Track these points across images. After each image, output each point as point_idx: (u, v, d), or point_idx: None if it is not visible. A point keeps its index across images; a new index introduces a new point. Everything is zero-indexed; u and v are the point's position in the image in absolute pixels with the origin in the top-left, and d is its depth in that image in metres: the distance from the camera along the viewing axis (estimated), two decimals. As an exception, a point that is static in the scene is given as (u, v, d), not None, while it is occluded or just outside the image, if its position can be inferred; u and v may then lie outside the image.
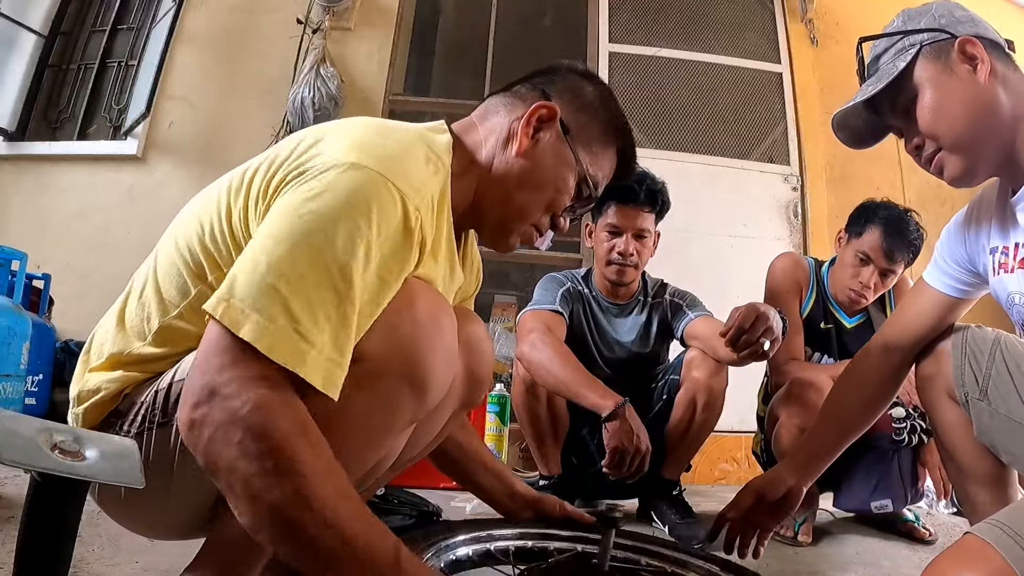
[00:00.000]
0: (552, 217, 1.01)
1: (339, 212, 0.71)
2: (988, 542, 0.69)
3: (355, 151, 0.77)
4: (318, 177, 0.74)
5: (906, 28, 1.05)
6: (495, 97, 1.04)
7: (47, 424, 0.58)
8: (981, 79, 0.98)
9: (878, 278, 1.94)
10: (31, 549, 0.59)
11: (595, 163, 1.01)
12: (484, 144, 0.98)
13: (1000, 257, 1.10)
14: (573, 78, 1.04)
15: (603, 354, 2.00)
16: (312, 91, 3.33)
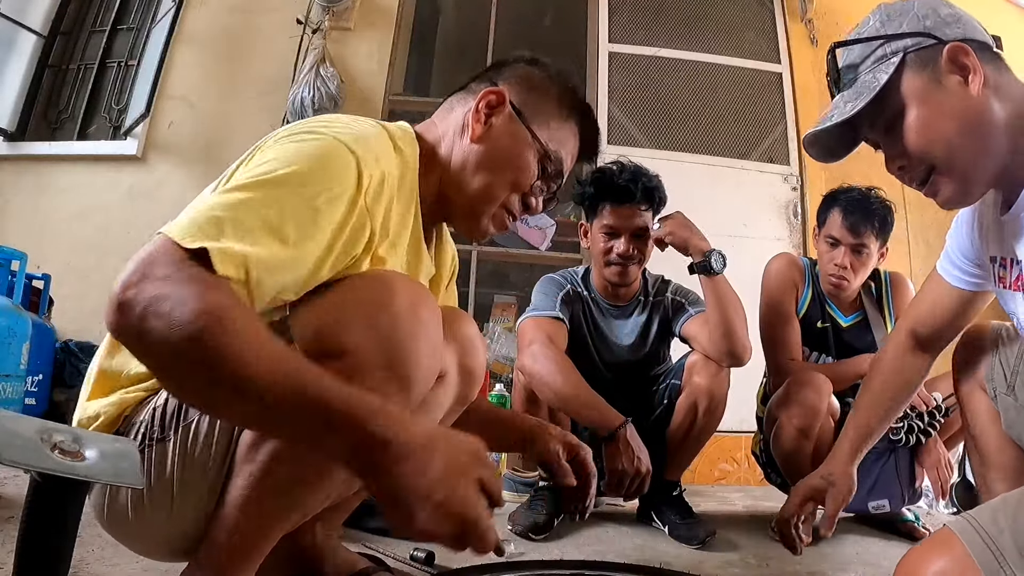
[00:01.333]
0: (523, 197, 1.03)
1: (288, 162, 0.76)
2: (955, 533, 0.74)
3: (316, 126, 0.83)
4: (274, 145, 0.81)
5: (887, 32, 0.93)
6: (451, 96, 1.08)
7: (47, 424, 0.58)
8: (974, 91, 0.88)
9: (852, 256, 1.93)
10: (31, 549, 0.59)
11: (554, 138, 1.03)
12: (443, 139, 1.03)
13: (999, 269, 1.05)
14: (520, 66, 1.07)
15: (603, 357, 1.99)
16: (312, 91, 3.33)
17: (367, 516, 1.50)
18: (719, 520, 1.95)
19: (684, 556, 1.60)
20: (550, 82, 1.06)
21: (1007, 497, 0.76)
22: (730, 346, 1.75)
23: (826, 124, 0.95)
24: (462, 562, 1.35)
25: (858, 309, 2.06)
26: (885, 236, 1.95)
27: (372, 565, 1.16)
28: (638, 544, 1.70)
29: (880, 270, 2.11)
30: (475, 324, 1.14)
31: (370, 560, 1.20)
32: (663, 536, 1.79)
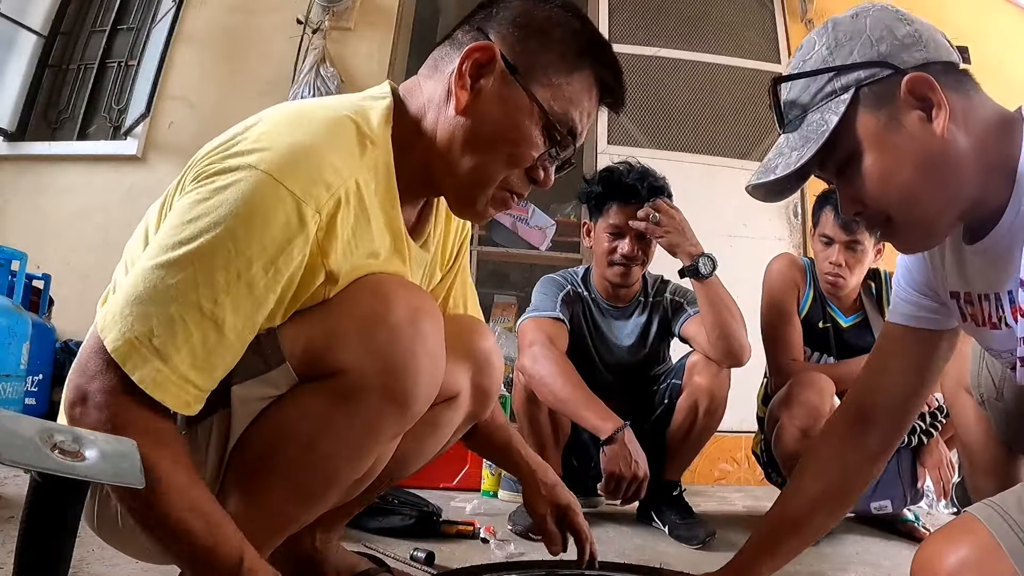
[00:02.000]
0: (529, 171, 0.86)
1: (218, 223, 0.68)
2: (979, 519, 0.71)
3: (259, 147, 0.72)
4: (211, 181, 0.71)
5: (836, 62, 0.79)
6: (436, 49, 0.90)
7: (47, 424, 0.58)
8: (938, 129, 0.76)
9: (847, 254, 1.93)
10: (31, 549, 0.59)
11: (561, 97, 0.83)
12: (428, 108, 0.86)
13: (966, 306, 0.92)
14: (516, 3, 0.85)
15: (603, 358, 1.99)
16: (312, 91, 3.33)
17: (367, 516, 1.50)
18: (719, 520, 1.95)
19: (684, 556, 1.60)
20: (551, 23, 0.84)
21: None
22: (727, 347, 1.75)
23: (770, 177, 0.84)
24: (462, 562, 1.35)
25: (858, 309, 2.06)
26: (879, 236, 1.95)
27: (373, 566, 1.16)
28: (638, 544, 1.70)
29: (880, 270, 2.11)
30: (492, 336, 1.08)
31: (370, 560, 1.19)
32: (663, 536, 1.79)
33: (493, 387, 1.06)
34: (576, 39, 0.84)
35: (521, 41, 0.83)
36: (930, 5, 4.11)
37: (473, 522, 1.65)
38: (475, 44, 0.82)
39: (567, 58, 0.84)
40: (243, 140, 0.74)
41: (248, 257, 0.68)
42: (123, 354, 0.66)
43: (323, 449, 0.77)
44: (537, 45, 0.83)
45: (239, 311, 0.69)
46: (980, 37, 3.95)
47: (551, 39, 0.83)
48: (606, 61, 0.87)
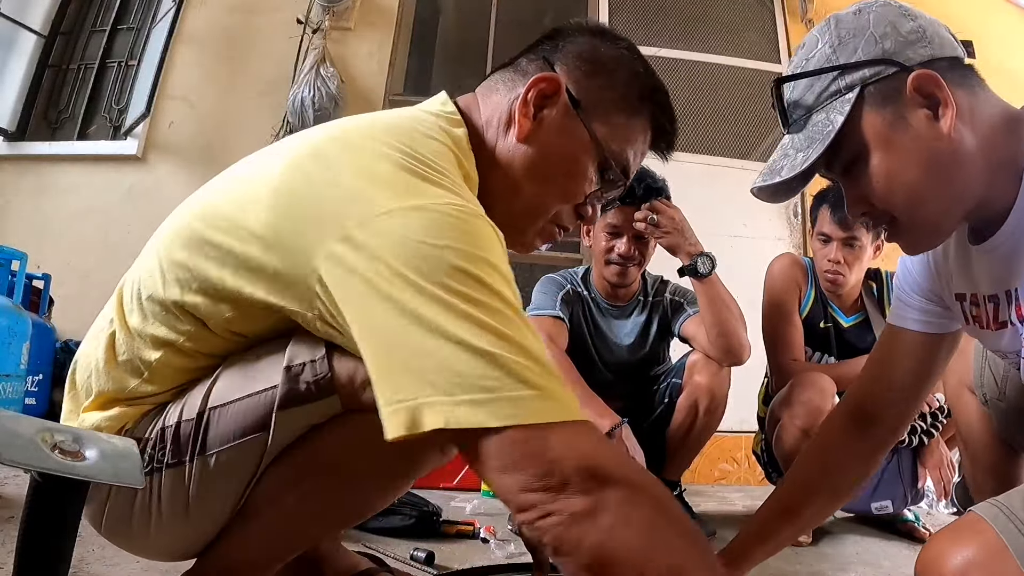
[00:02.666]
0: (577, 207, 0.86)
1: (505, 297, 0.62)
2: (985, 519, 0.70)
3: (458, 211, 0.65)
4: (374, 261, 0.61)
5: (839, 60, 0.78)
6: (497, 72, 0.88)
7: (47, 424, 0.58)
8: (945, 128, 0.74)
9: (844, 251, 1.93)
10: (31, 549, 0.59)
11: (618, 137, 0.84)
12: (488, 128, 0.84)
13: (971, 308, 0.91)
14: (583, 39, 0.86)
15: (603, 357, 1.99)
16: (312, 91, 3.33)
17: (367, 516, 1.50)
18: (719, 520, 1.95)
19: (684, 556, 1.60)
20: (618, 63, 0.85)
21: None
22: (727, 345, 1.76)
23: (775, 179, 0.81)
24: (462, 562, 1.35)
25: (859, 310, 2.06)
26: (877, 230, 1.95)
27: (373, 566, 1.16)
28: (638, 544, 1.70)
29: (881, 270, 2.11)
30: None
31: (370, 560, 1.19)
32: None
33: None
34: (638, 82, 0.86)
35: (586, 77, 0.84)
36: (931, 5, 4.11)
37: (473, 522, 1.64)
38: (542, 75, 0.82)
39: (628, 100, 0.85)
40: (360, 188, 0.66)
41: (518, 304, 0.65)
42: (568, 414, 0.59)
43: (363, 482, 0.77)
44: (602, 83, 0.84)
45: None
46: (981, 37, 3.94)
47: (615, 79, 0.85)
48: (664, 107, 0.89)
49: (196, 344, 0.77)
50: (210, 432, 0.75)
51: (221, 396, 0.76)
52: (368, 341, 0.60)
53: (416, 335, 0.57)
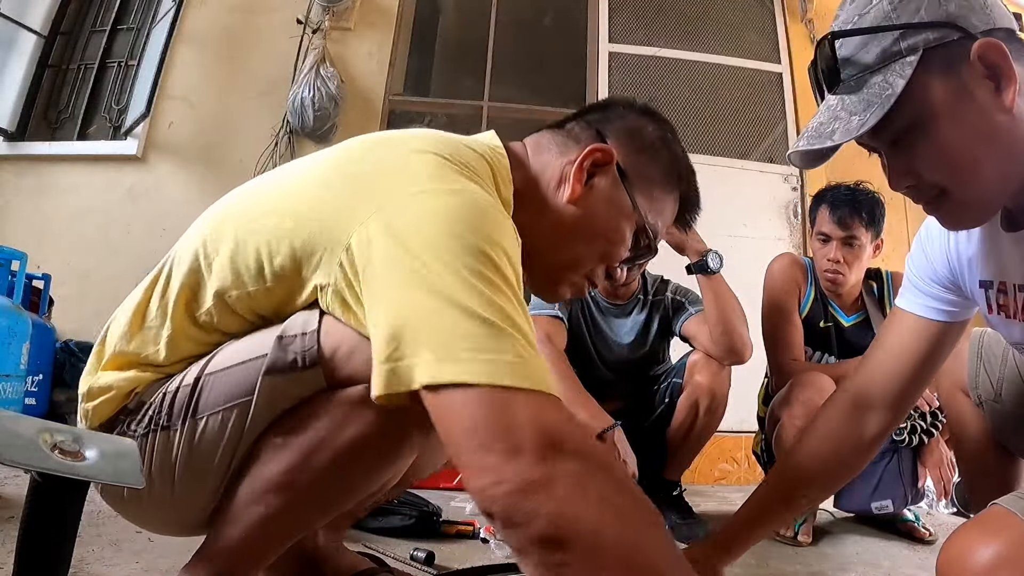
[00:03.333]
0: (608, 268, 0.93)
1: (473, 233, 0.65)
2: (1014, 512, 0.68)
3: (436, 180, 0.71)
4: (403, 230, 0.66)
5: (901, 19, 0.72)
6: (547, 132, 0.95)
7: (47, 424, 0.58)
8: (1007, 102, 0.70)
9: (844, 250, 1.93)
10: (31, 549, 0.59)
11: (655, 210, 0.92)
12: (538, 181, 0.90)
13: (997, 296, 0.88)
14: (632, 116, 0.94)
15: (603, 356, 1.99)
16: (312, 91, 3.33)
17: (367, 516, 1.50)
18: (719, 520, 1.95)
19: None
20: (662, 143, 0.94)
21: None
22: (730, 342, 1.76)
23: (826, 144, 0.75)
24: (462, 562, 1.35)
25: (860, 309, 2.06)
26: (876, 228, 1.95)
27: (374, 566, 1.16)
28: (638, 544, 1.70)
29: (882, 270, 2.11)
30: None
31: (371, 560, 1.19)
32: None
33: None
34: (676, 164, 0.95)
35: (634, 153, 0.91)
36: (930, 5, 4.10)
37: (473, 522, 1.64)
38: (597, 145, 0.89)
39: (667, 178, 0.93)
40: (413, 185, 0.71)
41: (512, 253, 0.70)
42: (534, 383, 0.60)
43: (347, 462, 0.76)
44: (647, 160, 0.92)
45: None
46: (980, 37, 3.95)
47: (659, 158, 0.93)
48: (694, 187, 0.98)
49: (214, 320, 0.81)
50: (202, 397, 0.79)
51: (217, 364, 0.80)
52: (380, 304, 0.64)
53: (427, 303, 0.61)
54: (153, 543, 1.29)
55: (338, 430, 0.75)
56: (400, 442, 0.79)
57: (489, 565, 1.31)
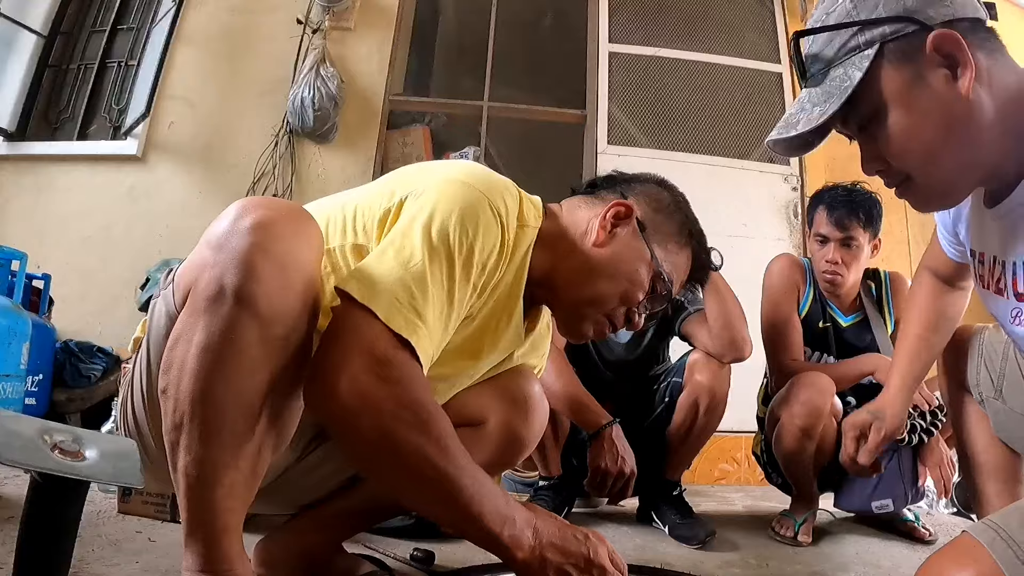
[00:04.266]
0: (627, 311, 1.05)
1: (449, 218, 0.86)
2: (982, 543, 0.68)
3: (461, 173, 0.93)
4: (426, 194, 0.89)
5: (860, 16, 0.78)
6: (577, 196, 1.12)
7: (47, 424, 0.58)
8: (963, 89, 0.74)
9: (842, 251, 1.93)
10: (31, 549, 0.59)
11: (669, 260, 1.06)
12: (567, 231, 1.05)
13: (978, 265, 0.96)
14: (651, 185, 1.13)
15: (603, 356, 1.99)
16: (312, 91, 3.33)
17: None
18: (719, 520, 1.95)
19: (684, 556, 1.60)
20: (675, 207, 1.11)
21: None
22: (731, 338, 1.76)
23: (791, 133, 0.82)
24: (462, 562, 1.35)
25: (858, 309, 2.06)
26: (874, 228, 1.95)
27: (375, 568, 1.16)
28: (638, 544, 1.70)
29: (880, 270, 2.11)
30: (537, 383, 1.15)
31: (371, 562, 1.19)
32: (663, 536, 1.79)
33: (527, 435, 1.11)
34: (688, 223, 1.12)
35: (652, 211, 1.08)
36: (930, 5, 4.10)
37: (473, 522, 1.64)
38: (620, 200, 1.06)
39: (680, 234, 1.10)
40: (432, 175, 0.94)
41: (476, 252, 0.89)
42: (402, 325, 0.79)
43: (200, 373, 0.74)
44: (662, 218, 1.09)
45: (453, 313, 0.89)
46: (980, 37, 3.95)
47: (672, 217, 1.10)
48: (704, 247, 1.14)
49: None
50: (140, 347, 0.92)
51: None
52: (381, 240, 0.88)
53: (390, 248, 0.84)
54: (153, 543, 1.29)
55: (184, 350, 0.76)
56: (232, 332, 0.75)
57: (489, 565, 1.30)
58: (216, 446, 0.76)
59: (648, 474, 1.90)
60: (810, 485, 1.89)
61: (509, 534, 0.80)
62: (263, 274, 0.75)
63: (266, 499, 0.87)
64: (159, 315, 0.86)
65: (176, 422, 0.76)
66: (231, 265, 0.74)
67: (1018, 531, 0.67)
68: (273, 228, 0.77)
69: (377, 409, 0.75)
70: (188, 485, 0.76)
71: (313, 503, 1.11)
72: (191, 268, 0.80)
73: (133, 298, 3.01)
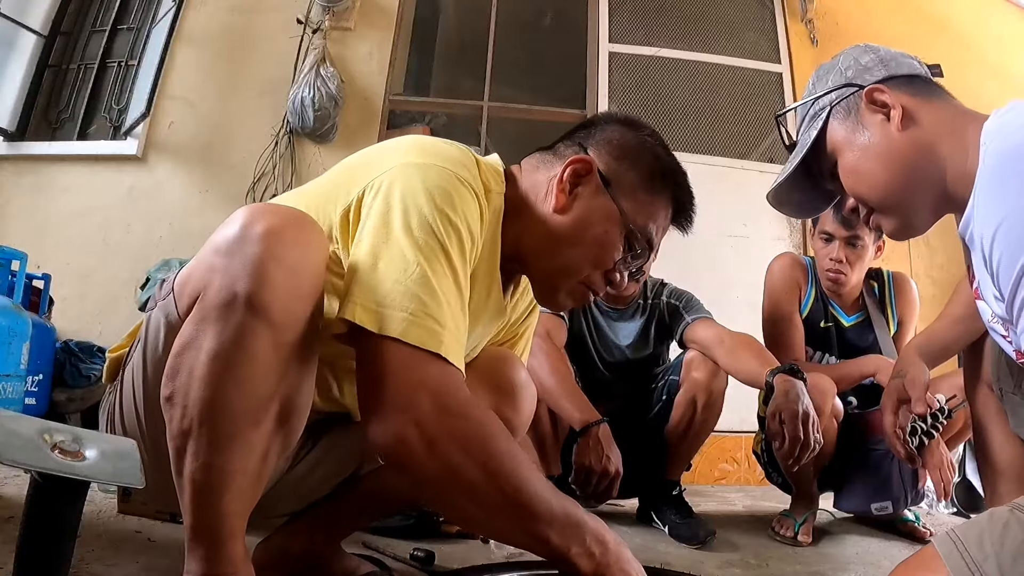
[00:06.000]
0: (606, 273, 0.96)
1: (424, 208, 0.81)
2: (939, 555, 0.71)
3: (412, 153, 0.87)
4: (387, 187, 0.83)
5: (815, 92, 1.01)
6: (537, 153, 1.02)
7: (47, 424, 0.58)
8: (894, 128, 0.91)
9: (847, 250, 1.93)
10: (31, 549, 0.59)
11: (643, 212, 0.95)
12: (528, 195, 0.97)
13: (970, 275, 1.03)
14: (612, 127, 1.00)
15: (603, 358, 2.00)
16: (312, 91, 3.33)
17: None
18: (719, 520, 1.95)
19: (684, 556, 1.60)
20: (642, 149, 0.98)
21: (995, 515, 0.73)
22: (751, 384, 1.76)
23: (773, 186, 1.04)
24: (462, 562, 1.35)
25: (860, 309, 2.06)
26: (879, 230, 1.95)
27: (375, 569, 1.16)
28: (638, 544, 1.70)
29: (883, 270, 2.11)
30: (524, 370, 1.11)
31: (371, 562, 1.19)
32: (663, 536, 1.79)
33: (517, 421, 1.08)
34: (659, 164, 0.98)
35: (615, 160, 0.96)
36: (932, 8, 4.11)
37: (473, 522, 1.64)
38: (576, 156, 0.95)
39: (652, 179, 0.97)
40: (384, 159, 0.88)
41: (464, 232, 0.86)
42: (436, 345, 0.76)
43: (209, 380, 0.74)
44: (627, 165, 0.96)
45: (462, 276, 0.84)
46: (980, 37, 3.95)
47: (640, 162, 0.97)
48: (682, 187, 1.00)
49: None
50: (130, 353, 0.90)
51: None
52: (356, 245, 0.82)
53: (379, 260, 0.78)
54: (154, 543, 1.29)
55: (193, 357, 0.74)
56: (244, 339, 0.74)
57: (489, 565, 1.30)
58: (225, 452, 0.75)
59: (648, 474, 1.90)
60: (810, 485, 1.89)
61: (576, 551, 0.77)
62: (276, 281, 0.73)
63: (260, 509, 0.84)
64: (156, 324, 0.85)
65: (183, 428, 0.75)
66: (243, 272, 0.73)
67: (975, 545, 0.69)
68: (283, 235, 0.75)
69: (443, 450, 0.74)
70: (194, 491, 0.75)
71: (308, 507, 1.10)
72: (198, 275, 0.78)
73: (133, 298, 3.01)
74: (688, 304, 1.98)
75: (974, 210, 0.81)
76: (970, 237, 0.85)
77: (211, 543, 0.76)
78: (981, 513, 0.75)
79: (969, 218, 0.83)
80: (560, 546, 0.75)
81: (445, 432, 0.74)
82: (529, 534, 0.76)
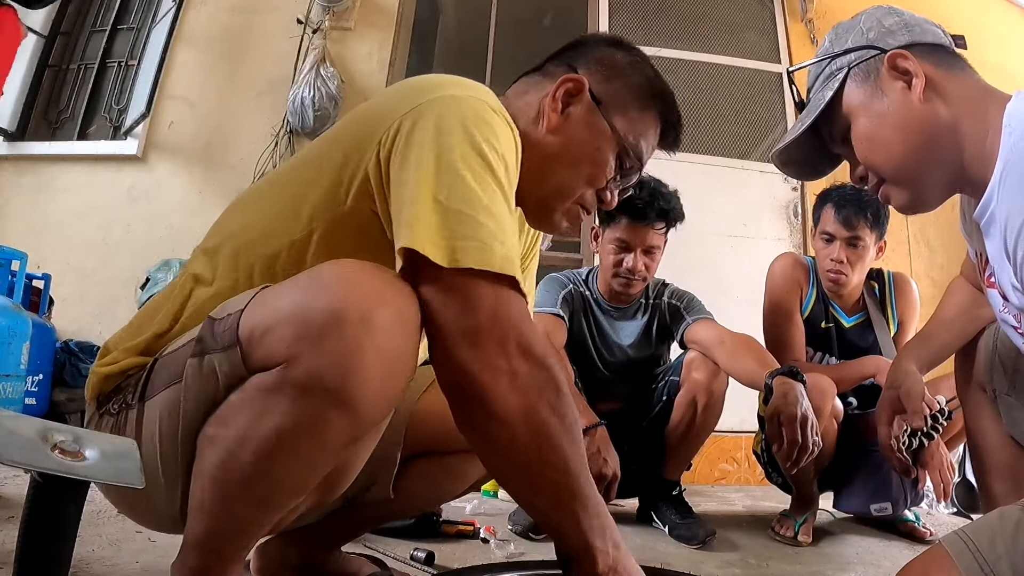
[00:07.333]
0: (598, 192, 0.96)
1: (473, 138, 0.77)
2: (951, 555, 0.69)
3: (445, 86, 0.84)
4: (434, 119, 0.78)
5: (833, 51, 0.96)
6: (524, 77, 1.02)
7: (47, 424, 0.58)
8: (915, 97, 0.87)
9: (847, 250, 1.94)
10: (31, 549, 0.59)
11: (634, 131, 0.96)
12: (517, 119, 0.92)
13: (980, 262, 1.02)
14: (601, 47, 0.99)
15: (604, 358, 1.99)
16: (312, 91, 3.33)
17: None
18: (719, 520, 1.96)
19: (684, 556, 1.60)
20: (632, 67, 0.98)
21: (1005, 514, 0.71)
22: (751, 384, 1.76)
23: (779, 145, 0.99)
24: (462, 562, 1.35)
25: (861, 310, 2.06)
26: (880, 229, 1.95)
27: (376, 570, 1.16)
28: (638, 544, 1.70)
29: (884, 270, 2.10)
30: None
31: (371, 563, 1.19)
32: (663, 536, 1.79)
33: None
34: (649, 83, 0.98)
35: (606, 79, 0.96)
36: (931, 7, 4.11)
37: (473, 522, 1.65)
38: (568, 75, 0.94)
39: (641, 98, 0.97)
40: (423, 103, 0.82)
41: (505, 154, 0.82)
42: (502, 266, 0.72)
43: (267, 451, 0.70)
44: (619, 84, 0.96)
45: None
46: (980, 37, 3.95)
47: (630, 81, 0.97)
48: (671, 105, 1.00)
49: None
50: (151, 380, 0.79)
51: (172, 346, 0.80)
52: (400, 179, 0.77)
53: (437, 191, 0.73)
54: (154, 543, 1.29)
55: (256, 422, 0.69)
56: (322, 428, 0.71)
57: (489, 565, 1.31)
58: (257, 511, 0.74)
59: (648, 474, 1.90)
60: (810, 485, 1.89)
61: (599, 545, 0.74)
62: (372, 377, 0.67)
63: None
64: (209, 371, 0.74)
65: (215, 475, 0.71)
66: (334, 362, 0.66)
67: (987, 545, 0.68)
68: (381, 319, 0.67)
69: (523, 390, 0.72)
70: (209, 526, 0.74)
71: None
72: (277, 336, 0.68)
73: (133, 298, 3.01)
74: (689, 305, 1.98)
75: (995, 196, 0.79)
76: (987, 223, 0.83)
77: (212, 562, 0.77)
78: (989, 513, 0.74)
79: (988, 203, 0.81)
80: (586, 533, 0.73)
81: (527, 372, 0.72)
82: (566, 508, 0.73)
